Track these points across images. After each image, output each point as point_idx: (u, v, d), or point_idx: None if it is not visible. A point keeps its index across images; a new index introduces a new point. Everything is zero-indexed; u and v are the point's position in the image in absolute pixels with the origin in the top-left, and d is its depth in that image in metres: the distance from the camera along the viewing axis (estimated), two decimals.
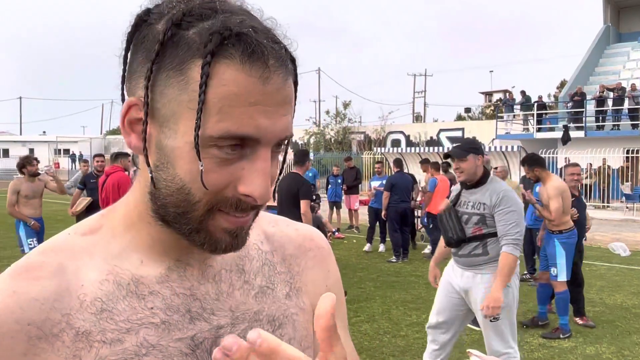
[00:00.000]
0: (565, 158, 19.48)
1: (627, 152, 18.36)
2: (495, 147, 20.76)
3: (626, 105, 19.94)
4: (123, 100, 0.64)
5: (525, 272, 7.66)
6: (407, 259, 9.27)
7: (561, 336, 5.33)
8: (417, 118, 47.90)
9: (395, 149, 24.50)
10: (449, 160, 4.37)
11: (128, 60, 0.63)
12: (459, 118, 46.16)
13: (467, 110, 50.61)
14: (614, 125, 20.49)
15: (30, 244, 6.99)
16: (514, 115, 23.58)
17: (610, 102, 20.33)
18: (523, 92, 22.83)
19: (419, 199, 10.30)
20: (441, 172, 9.97)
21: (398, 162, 10.00)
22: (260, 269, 0.74)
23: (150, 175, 0.62)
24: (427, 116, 50.22)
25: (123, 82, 0.64)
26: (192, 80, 0.57)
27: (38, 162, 7.33)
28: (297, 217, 5.49)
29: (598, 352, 5.00)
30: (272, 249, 0.77)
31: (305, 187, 5.77)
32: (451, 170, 11.63)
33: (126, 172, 7.18)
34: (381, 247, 10.06)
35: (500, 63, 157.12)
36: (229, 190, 0.60)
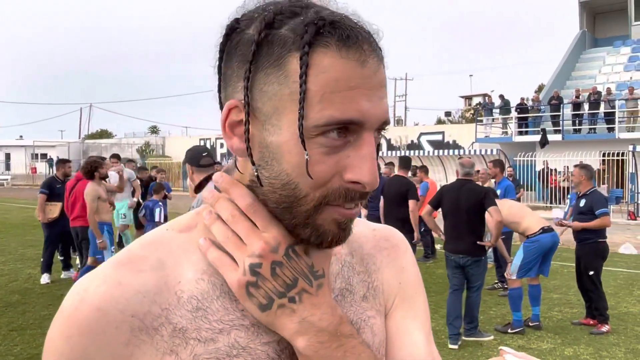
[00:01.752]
0: (544, 161, 19.77)
1: (604, 155, 18.67)
2: (475, 151, 20.96)
3: (602, 109, 20.30)
4: (221, 107, 0.65)
5: (496, 280, 7.65)
6: None
7: (509, 331, 5.58)
8: (398, 122, 48.18)
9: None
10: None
11: (222, 70, 0.65)
12: (440, 122, 46.55)
13: (448, 114, 51.13)
14: (590, 129, 20.84)
15: (113, 251, 6.56)
16: (493, 119, 23.84)
17: (586, 106, 20.68)
18: (502, 96, 23.09)
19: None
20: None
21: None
22: (340, 270, 0.75)
23: (255, 173, 0.63)
24: (408, 120, 50.60)
25: (219, 92, 0.66)
26: (292, 72, 0.58)
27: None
28: (402, 215, 6.69)
29: (576, 353, 5.06)
30: (350, 250, 0.78)
31: (413, 188, 6.73)
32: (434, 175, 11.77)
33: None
34: None
35: (480, 67, 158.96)
36: (335, 180, 0.60)
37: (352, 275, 0.76)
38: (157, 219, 8.03)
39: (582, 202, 5.82)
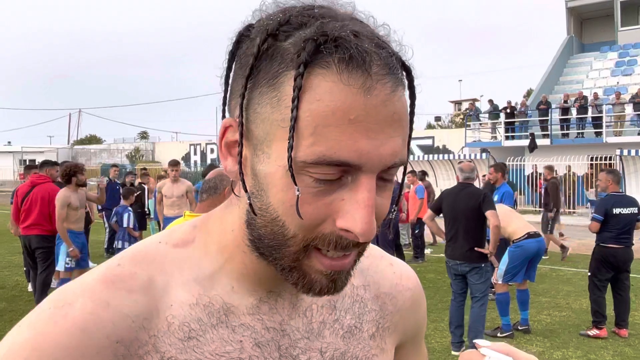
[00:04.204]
0: (533, 165, 19.90)
1: (592, 159, 18.83)
2: (465, 155, 21.07)
3: (590, 113, 20.50)
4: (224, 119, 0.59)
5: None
6: None
7: (499, 335, 5.57)
8: None
9: None
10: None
11: (230, 80, 0.59)
12: (429, 126, 46.76)
13: (437, 118, 51.34)
14: (578, 133, 21.03)
15: (68, 264, 6.12)
16: (480, 124, 23.98)
17: (574, 110, 20.87)
18: (491, 101, 23.24)
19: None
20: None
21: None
22: (351, 306, 0.70)
23: (248, 202, 0.56)
24: None
25: (225, 104, 0.60)
26: (285, 95, 0.51)
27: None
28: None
29: (565, 356, 5.08)
30: (364, 283, 0.72)
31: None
32: (427, 179, 11.82)
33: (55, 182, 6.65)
34: None
35: (469, 72, 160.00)
36: (327, 225, 0.53)
37: (363, 312, 0.71)
38: (125, 224, 7.99)
39: None
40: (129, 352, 0.56)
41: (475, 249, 5.01)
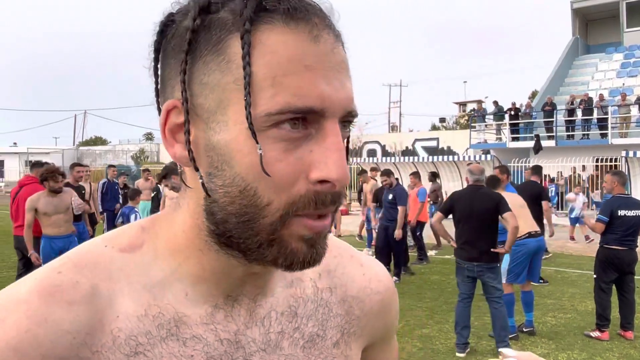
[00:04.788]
0: (533, 165, 19.81)
1: (597, 160, 18.76)
2: (469, 157, 21.04)
3: (595, 115, 20.43)
4: (160, 113, 0.56)
5: None
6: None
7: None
8: (393, 128, 48.31)
9: (371, 159, 24.64)
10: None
11: (159, 71, 0.57)
12: (434, 128, 46.72)
13: (442, 120, 51.28)
14: (583, 135, 20.96)
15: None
16: (486, 125, 23.94)
17: (579, 112, 20.81)
18: (496, 102, 23.20)
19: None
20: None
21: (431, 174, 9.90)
22: (314, 312, 0.65)
23: (200, 181, 0.53)
24: (403, 126, 50.71)
25: (157, 96, 0.57)
26: (234, 56, 0.50)
27: (64, 177, 6.14)
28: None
29: (570, 358, 5.07)
30: (330, 285, 0.68)
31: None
32: (438, 181, 11.82)
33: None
34: (394, 279, 8.07)
35: (474, 74, 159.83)
36: (301, 184, 0.51)
37: (327, 318, 0.66)
38: None
39: None
40: None
41: (492, 249, 5.05)
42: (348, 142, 0.58)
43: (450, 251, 11.14)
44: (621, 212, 5.55)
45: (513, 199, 5.72)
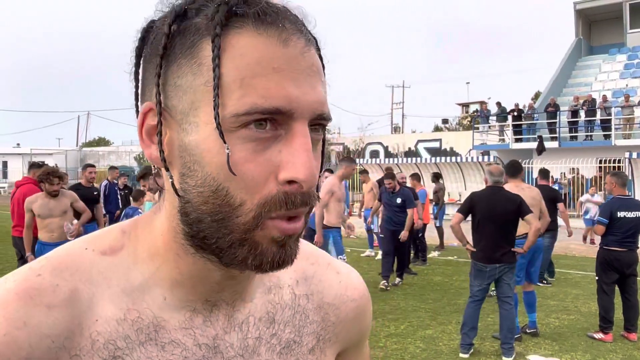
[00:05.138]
0: (540, 169, 19.79)
1: (600, 162, 18.73)
2: (472, 158, 21.02)
3: (598, 116, 20.40)
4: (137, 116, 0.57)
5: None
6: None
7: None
8: (396, 129, 48.29)
9: (374, 160, 24.63)
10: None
11: (140, 76, 0.58)
12: (437, 129, 46.65)
13: (445, 121, 51.18)
14: (587, 136, 20.92)
15: None
16: (489, 126, 23.92)
17: (582, 113, 20.77)
18: (499, 104, 23.17)
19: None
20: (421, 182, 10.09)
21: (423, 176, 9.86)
22: (292, 318, 0.66)
23: (170, 180, 0.54)
24: (405, 127, 50.64)
25: (137, 99, 0.59)
26: (205, 59, 0.51)
27: (61, 180, 5.86)
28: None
29: (573, 359, 5.06)
30: (307, 292, 0.69)
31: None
32: (440, 182, 11.78)
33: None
34: (397, 280, 8.26)
35: (476, 75, 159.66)
36: (271, 185, 0.52)
37: (303, 325, 0.67)
38: None
39: None
40: None
41: (513, 249, 5.07)
42: (324, 145, 0.59)
43: (452, 252, 11.19)
44: (621, 214, 5.54)
45: (530, 193, 5.71)
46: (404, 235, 7.89)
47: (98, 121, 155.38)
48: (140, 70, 0.58)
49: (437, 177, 11.96)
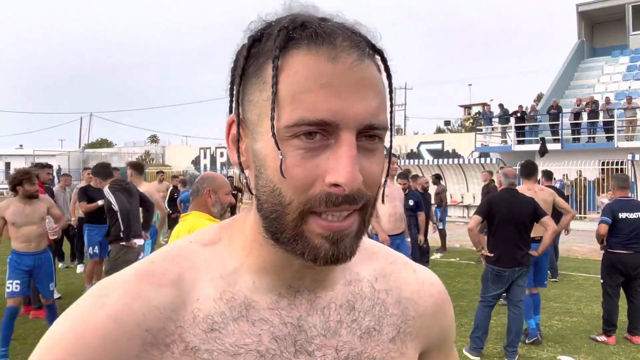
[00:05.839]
0: (543, 170, 19.77)
1: (603, 164, 18.69)
2: (475, 160, 21.00)
3: (601, 118, 20.36)
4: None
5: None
6: None
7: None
8: (398, 131, 48.26)
9: None
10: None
11: (240, 92, 0.65)
12: (439, 131, 46.62)
13: (447, 123, 51.19)
14: (589, 138, 20.89)
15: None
16: (492, 128, 23.89)
17: (585, 115, 20.74)
18: (501, 105, 23.15)
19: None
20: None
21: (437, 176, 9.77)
22: (371, 308, 0.72)
23: (244, 181, 0.64)
24: (407, 129, 50.60)
25: (230, 112, 0.67)
26: (268, 77, 0.59)
27: (38, 179, 5.27)
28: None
29: None
30: (386, 287, 0.75)
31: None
32: (442, 183, 11.74)
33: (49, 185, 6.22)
34: None
35: (479, 76, 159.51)
36: (317, 186, 0.58)
37: (383, 316, 0.72)
38: None
39: None
40: (156, 340, 0.61)
41: (529, 252, 5.06)
42: (390, 153, 0.66)
43: (455, 254, 11.18)
44: (622, 215, 5.53)
45: (542, 195, 5.72)
46: (421, 239, 7.90)
47: (101, 122, 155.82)
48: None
49: (438, 178, 11.91)
